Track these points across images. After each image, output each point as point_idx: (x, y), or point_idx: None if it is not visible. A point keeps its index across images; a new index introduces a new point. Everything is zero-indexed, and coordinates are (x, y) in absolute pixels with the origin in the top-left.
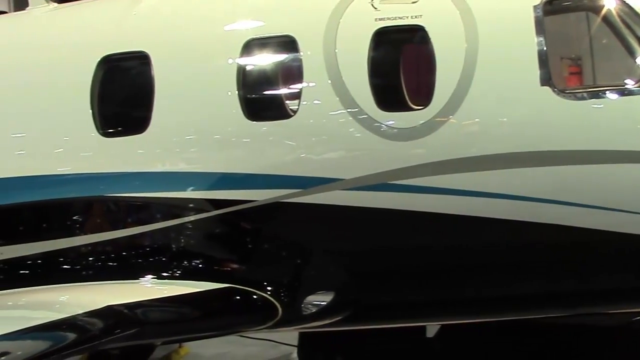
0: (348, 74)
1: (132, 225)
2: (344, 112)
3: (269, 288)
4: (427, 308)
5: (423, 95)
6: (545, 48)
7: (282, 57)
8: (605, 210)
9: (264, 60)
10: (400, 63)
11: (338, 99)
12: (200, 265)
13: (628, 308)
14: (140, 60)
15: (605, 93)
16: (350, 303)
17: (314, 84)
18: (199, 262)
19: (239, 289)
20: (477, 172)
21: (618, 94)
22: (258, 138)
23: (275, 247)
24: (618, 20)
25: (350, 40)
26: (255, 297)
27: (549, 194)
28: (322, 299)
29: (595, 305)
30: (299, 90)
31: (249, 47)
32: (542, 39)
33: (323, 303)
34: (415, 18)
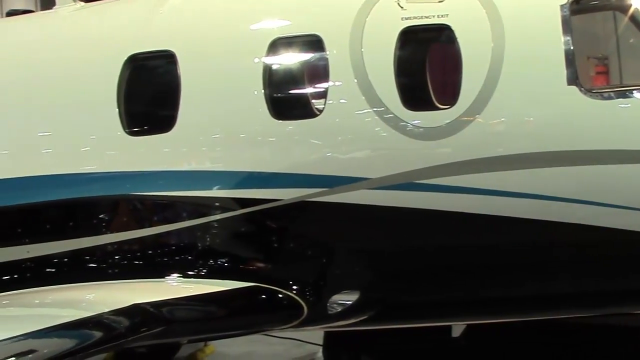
0: (374, 73)
1: (157, 224)
2: (370, 111)
3: (295, 287)
4: (452, 308)
5: (449, 95)
6: (572, 47)
7: (308, 56)
8: (632, 210)
9: (290, 60)
10: (427, 62)
11: (364, 98)
12: (226, 264)
13: None
14: (167, 59)
15: (632, 92)
16: (376, 302)
17: (340, 83)
18: (225, 260)
19: (265, 288)
20: (502, 171)
21: None
22: (284, 137)
23: (301, 246)
24: None
25: (377, 40)
26: (281, 296)
27: (575, 194)
28: (347, 298)
29: (622, 306)
30: (325, 90)
31: (275, 46)
32: (569, 38)
33: (348, 302)
34: (442, 17)
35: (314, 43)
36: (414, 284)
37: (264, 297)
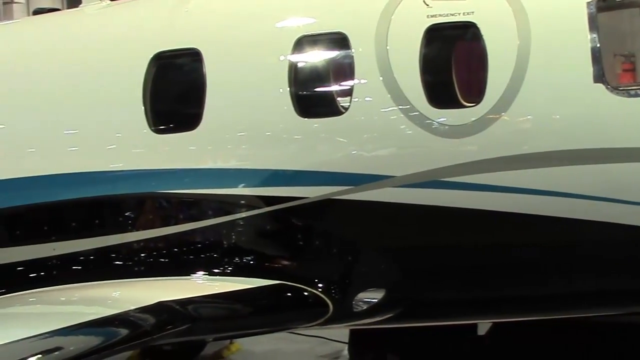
0: (400, 71)
1: (183, 222)
2: (396, 109)
3: (320, 285)
4: (477, 306)
5: (475, 92)
6: (599, 45)
7: (333, 54)
8: None
9: (316, 57)
10: (452, 60)
11: (389, 96)
12: (252, 262)
13: None
14: (192, 57)
15: None
16: (401, 300)
17: (366, 81)
18: (250, 258)
19: (290, 286)
20: (528, 169)
21: None
22: (309, 135)
23: (326, 244)
24: None
25: (402, 37)
26: (306, 293)
27: (602, 192)
28: (373, 296)
29: None
30: (351, 87)
31: (301, 44)
32: (595, 36)
33: (374, 300)
34: (467, 14)
35: (340, 41)
36: (439, 282)
37: (290, 295)
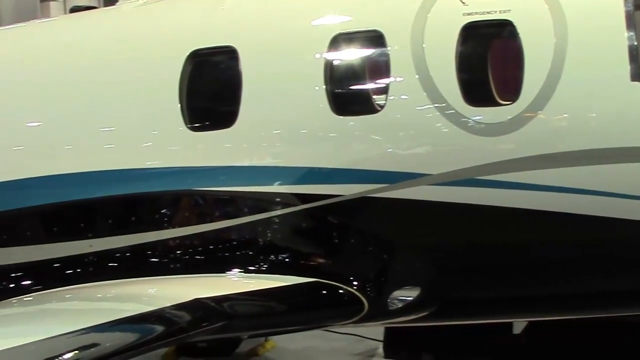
0: (436, 69)
1: (219, 219)
2: (432, 107)
3: (355, 283)
4: (513, 304)
5: (511, 91)
6: (636, 43)
7: (369, 52)
8: None
9: (351, 55)
10: (488, 58)
11: (425, 94)
12: (287, 260)
13: None
14: (228, 55)
15: None
16: (437, 299)
17: (402, 79)
18: (286, 256)
19: (325, 284)
20: (564, 168)
21: None
22: (345, 133)
23: (362, 241)
24: None
25: (438, 35)
26: (342, 291)
27: (638, 191)
28: (408, 294)
29: None
30: (386, 85)
31: (337, 41)
32: (632, 34)
33: (409, 298)
34: (504, 12)
35: (375, 39)
36: (474, 281)
37: (325, 292)
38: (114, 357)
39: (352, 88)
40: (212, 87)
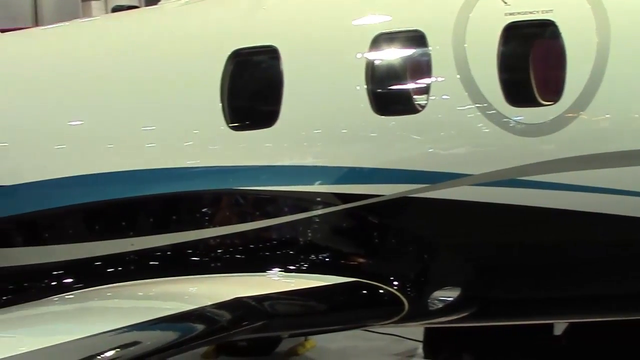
0: (477, 69)
1: (259, 219)
2: (473, 107)
3: (396, 283)
4: (553, 305)
5: (553, 91)
6: None
7: (410, 51)
8: None
9: (393, 55)
10: (530, 58)
11: (467, 94)
12: (327, 259)
13: None
14: (270, 55)
15: None
16: (477, 299)
17: (443, 79)
18: (326, 255)
19: (366, 284)
20: (607, 169)
21: None
22: (386, 132)
23: (402, 242)
24: None
25: (480, 35)
26: (382, 291)
27: None
28: (448, 295)
29: None
30: (428, 85)
31: (378, 41)
32: None
33: (450, 299)
34: (546, 12)
35: (417, 39)
36: (515, 281)
37: (365, 292)
38: (155, 355)
39: (393, 88)
40: (253, 86)
